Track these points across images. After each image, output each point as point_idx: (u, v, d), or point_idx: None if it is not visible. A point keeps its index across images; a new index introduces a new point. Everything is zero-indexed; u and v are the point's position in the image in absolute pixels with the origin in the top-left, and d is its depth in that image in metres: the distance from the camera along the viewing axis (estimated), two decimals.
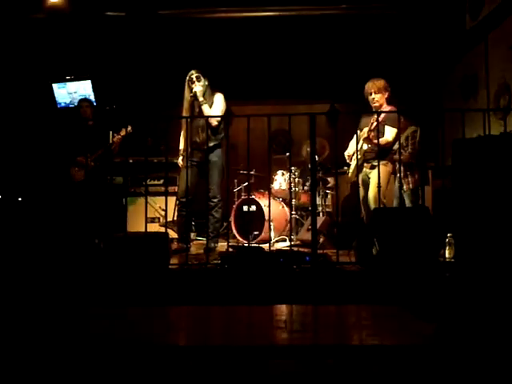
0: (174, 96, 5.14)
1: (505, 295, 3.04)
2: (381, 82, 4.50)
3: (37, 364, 2.28)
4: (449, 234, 3.90)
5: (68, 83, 6.77)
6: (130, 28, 6.60)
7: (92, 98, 6.38)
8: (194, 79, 4.65)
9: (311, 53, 7.04)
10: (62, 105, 6.86)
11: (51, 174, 5.20)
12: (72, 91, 6.75)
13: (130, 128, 4.94)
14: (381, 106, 4.50)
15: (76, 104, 6.41)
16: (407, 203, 4.79)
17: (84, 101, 5.46)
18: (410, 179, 4.84)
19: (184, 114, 4.73)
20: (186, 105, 4.75)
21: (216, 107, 4.70)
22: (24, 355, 2.35)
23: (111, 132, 5.06)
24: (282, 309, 3.25)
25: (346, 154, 4.70)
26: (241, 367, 2.27)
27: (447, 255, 3.84)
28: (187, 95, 4.72)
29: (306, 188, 6.00)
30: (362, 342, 2.57)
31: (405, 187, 4.68)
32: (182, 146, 4.84)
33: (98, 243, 4.23)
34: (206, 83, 4.73)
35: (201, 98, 4.63)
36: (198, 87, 4.63)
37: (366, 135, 4.33)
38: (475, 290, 3.16)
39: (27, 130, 6.02)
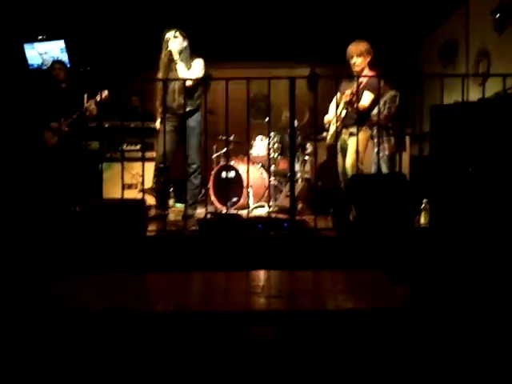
0: (150, 57, 4.97)
1: (477, 260, 3.11)
2: (363, 45, 4.34)
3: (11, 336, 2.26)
4: (424, 200, 3.95)
5: (36, 43, 6.51)
6: None
7: (65, 59, 6.16)
8: (173, 36, 4.41)
9: (291, 15, 6.89)
10: (35, 66, 6.63)
11: (24, 138, 5.06)
12: (42, 52, 6.51)
13: (106, 93, 4.78)
14: (362, 70, 4.37)
15: (48, 66, 6.21)
16: (384, 169, 4.82)
17: (57, 62, 5.27)
18: (386, 145, 4.85)
19: (159, 76, 4.55)
20: (161, 66, 4.52)
21: (193, 70, 4.54)
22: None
23: (86, 95, 4.91)
24: (260, 275, 3.28)
25: (326, 118, 4.63)
26: (218, 333, 2.29)
27: (422, 221, 3.90)
28: (163, 56, 4.50)
29: (284, 153, 5.99)
30: (338, 307, 2.61)
31: (381, 153, 4.68)
32: (159, 109, 4.73)
33: (73, 210, 4.17)
34: (185, 44, 4.50)
35: (176, 57, 4.40)
36: (175, 45, 4.40)
37: (348, 98, 4.21)
38: (449, 255, 3.23)
39: None
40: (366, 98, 4.29)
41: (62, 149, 4.66)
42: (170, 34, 4.43)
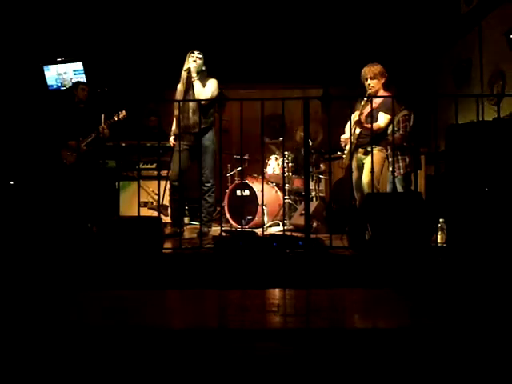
0: (165, 79, 5.08)
1: (495, 279, 3.08)
2: (377, 68, 4.45)
3: (29, 353, 2.28)
4: (441, 219, 3.92)
5: (54, 65, 6.67)
6: (121, 8, 6.51)
7: (81, 80, 6.30)
8: (195, 56, 4.65)
9: (305, 37, 6.99)
10: (54, 87, 6.78)
11: (43, 157, 5.15)
12: (60, 73, 6.68)
13: (123, 113, 4.88)
14: (377, 91, 4.47)
15: (66, 86, 6.37)
16: (399, 188, 4.80)
17: (82, 83, 5.42)
18: (401, 164, 4.84)
19: (179, 87, 4.71)
20: (181, 81, 4.72)
21: (208, 89, 4.67)
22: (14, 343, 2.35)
23: (103, 115, 5.01)
24: (275, 293, 3.27)
25: (343, 138, 4.67)
26: (233, 350, 2.28)
27: (439, 240, 3.87)
28: (183, 72, 4.72)
29: (298, 172, 6.01)
30: (354, 326, 2.59)
31: (396, 172, 4.68)
32: (174, 126, 4.83)
33: (90, 227, 4.21)
34: (204, 68, 4.73)
35: (194, 75, 4.62)
36: (193, 64, 4.63)
37: (357, 118, 4.32)
38: (466, 274, 3.20)
39: (18, 113, 5.95)
40: (381, 119, 4.33)
41: (79, 167, 4.73)
42: (194, 53, 4.67)
